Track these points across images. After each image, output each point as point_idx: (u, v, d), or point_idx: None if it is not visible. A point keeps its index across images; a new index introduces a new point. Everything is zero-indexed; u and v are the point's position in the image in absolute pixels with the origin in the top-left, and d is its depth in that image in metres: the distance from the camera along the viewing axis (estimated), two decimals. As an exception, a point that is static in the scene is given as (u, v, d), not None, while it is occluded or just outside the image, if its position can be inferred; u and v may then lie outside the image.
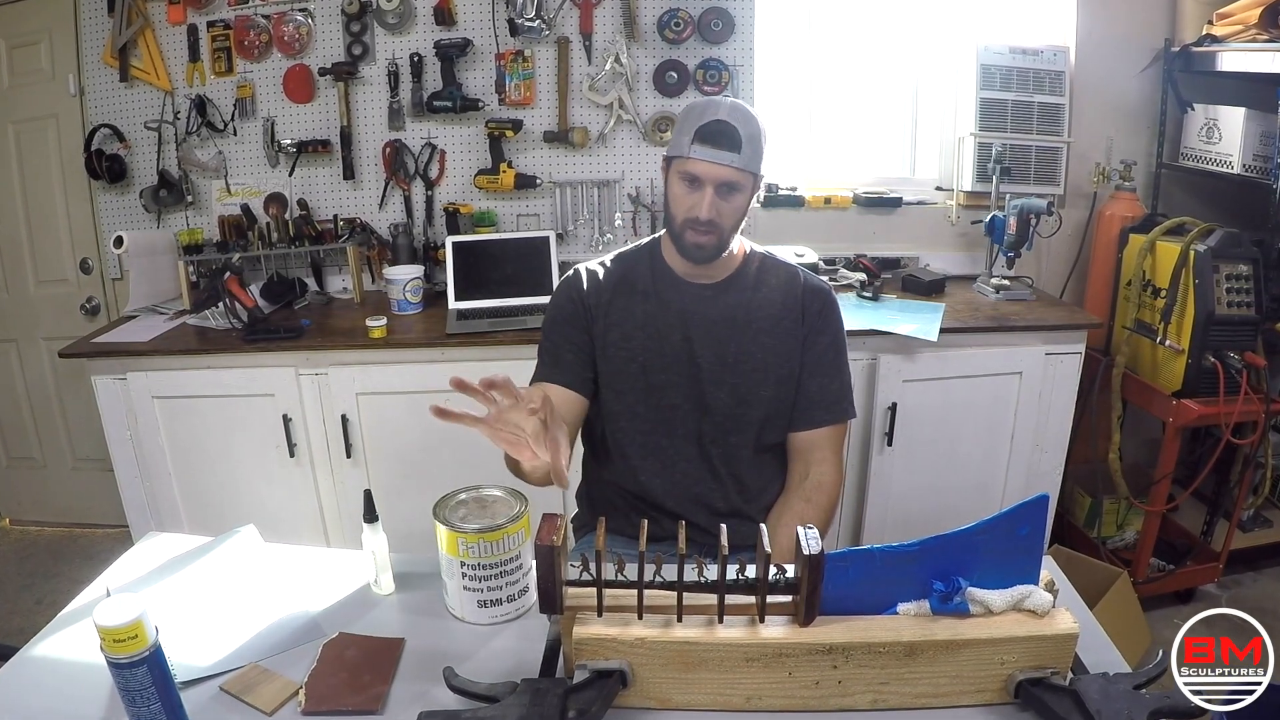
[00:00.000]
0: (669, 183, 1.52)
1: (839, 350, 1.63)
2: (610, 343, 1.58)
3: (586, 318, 1.59)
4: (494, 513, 1.25)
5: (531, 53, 2.78)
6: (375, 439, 2.48)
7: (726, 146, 1.43)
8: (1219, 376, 2.43)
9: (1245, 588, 2.86)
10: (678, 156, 1.47)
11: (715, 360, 1.57)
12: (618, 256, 1.66)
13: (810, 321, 1.60)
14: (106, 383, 2.43)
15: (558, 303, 1.63)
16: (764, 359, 1.57)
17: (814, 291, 1.62)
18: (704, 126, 1.43)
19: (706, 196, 1.46)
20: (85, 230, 3.00)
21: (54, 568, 3.08)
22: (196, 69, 2.79)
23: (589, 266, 1.64)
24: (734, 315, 1.58)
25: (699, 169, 1.45)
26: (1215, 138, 2.77)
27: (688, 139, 1.44)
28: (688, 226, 1.49)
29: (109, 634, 0.95)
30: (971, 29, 2.94)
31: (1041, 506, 1.04)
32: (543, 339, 1.63)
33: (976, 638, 1.01)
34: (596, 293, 1.60)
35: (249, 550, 1.45)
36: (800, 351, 1.59)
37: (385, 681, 1.11)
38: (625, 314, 1.59)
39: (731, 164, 1.43)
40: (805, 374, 1.60)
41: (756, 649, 1.02)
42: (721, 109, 1.45)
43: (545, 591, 1.02)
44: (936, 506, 2.59)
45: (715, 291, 1.59)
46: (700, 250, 1.51)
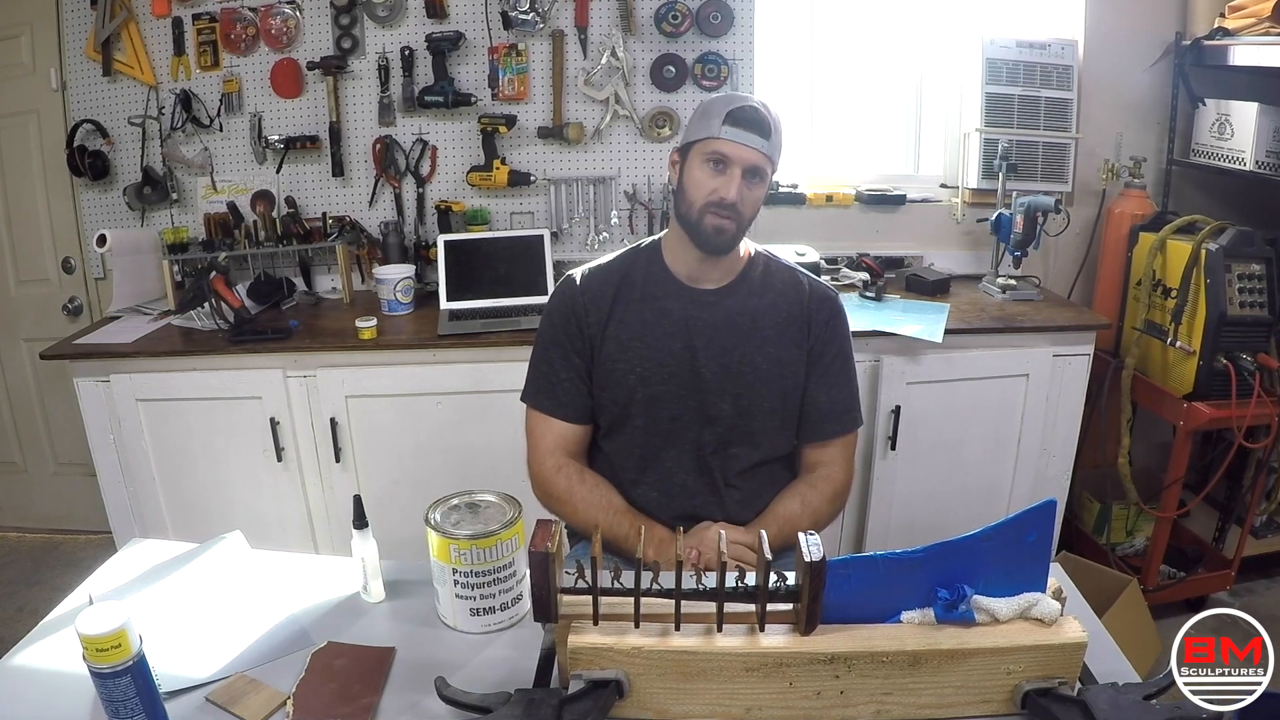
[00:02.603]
0: (687, 168, 1.51)
1: (846, 360, 1.63)
2: (607, 354, 1.57)
3: (582, 335, 1.59)
4: (486, 518, 1.25)
5: (525, 46, 2.78)
6: (365, 443, 2.47)
7: (758, 131, 1.44)
8: (1231, 379, 2.43)
9: (1258, 595, 2.86)
10: (704, 138, 1.47)
11: (719, 369, 1.56)
12: (615, 260, 1.65)
13: (817, 332, 1.59)
14: (89, 385, 2.42)
15: (551, 319, 1.62)
16: (768, 368, 1.57)
17: (821, 300, 1.61)
18: (736, 110, 1.44)
19: (735, 178, 1.46)
20: (67, 229, 3.00)
21: (35, 575, 3.07)
22: (181, 63, 2.79)
23: (583, 272, 1.63)
24: (738, 322, 1.57)
25: (728, 149, 1.45)
26: (1227, 133, 2.77)
27: (716, 121, 1.44)
28: (709, 210, 1.48)
29: (91, 643, 0.95)
30: (977, 22, 2.95)
31: (1049, 512, 1.05)
32: (536, 354, 1.63)
33: (982, 647, 1.02)
34: (594, 301, 1.59)
35: (235, 557, 1.44)
36: (805, 361, 1.59)
37: (375, 692, 1.11)
38: (621, 324, 1.58)
39: (761, 149, 1.45)
40: (813, 386, 1.60)
41: (756, 658, 1.02)
42: (751, 98, 1.48)
43: (540, 599, 1.02)
44: (941, 512, 2.59)
45: (718, 296, 1.58)
46: (721, 235, 1.49)
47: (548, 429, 1.61)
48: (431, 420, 2.43)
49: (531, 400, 1.63)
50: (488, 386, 2.40)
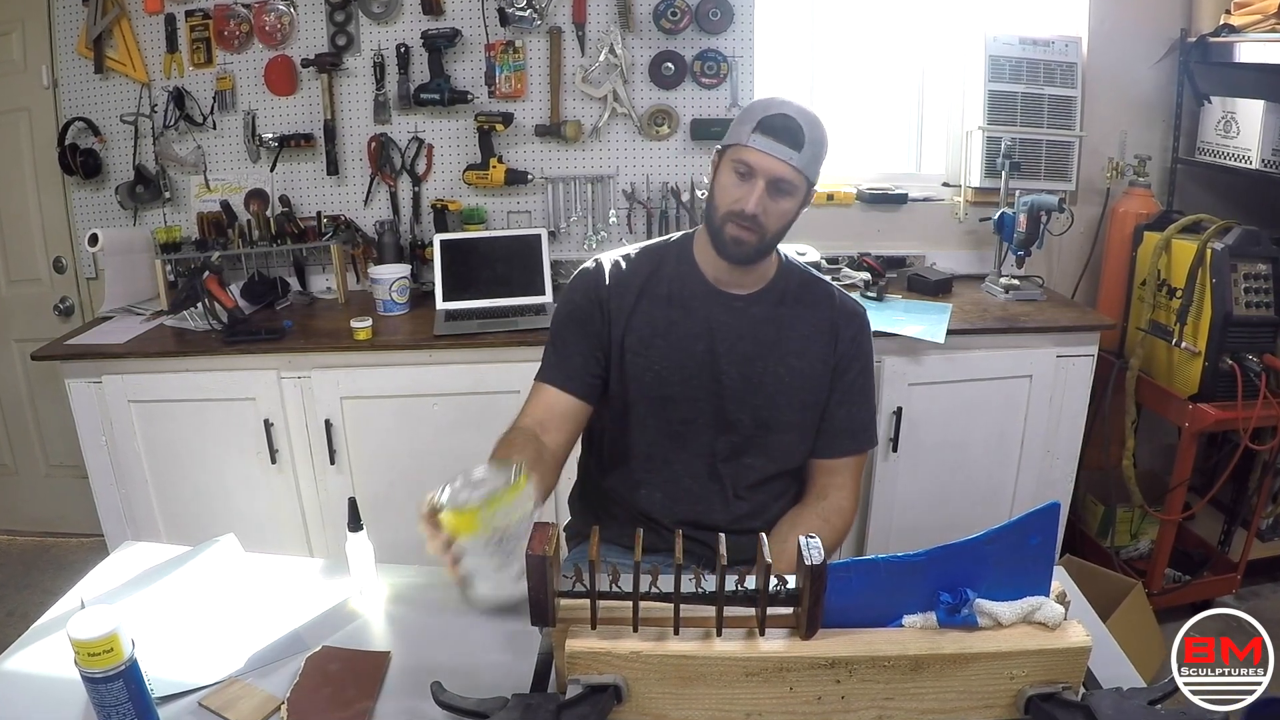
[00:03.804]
0: (719, 172, 1.49)
1: (868, 377, 1.62)
2: (627, 347, 1.55)
3: (603, 319, 1.55)
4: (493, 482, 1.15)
5: (522, 43, 2.78)
6: (360, 444, 2.48)
7: (788, 142, 1.41)
8: (1237, 380, 2.43)
9: (1264, 599, 2.86)
10: (734, 144, 1.45)
11: (740, 379, 1.54)
12: (643, 251, 1.62)
13: (844, 347, 1.58)
14: (81, 386, 2.43)
15: (573, 298, 1.59)
16: (791, 382, 1.55)
17: (849, 315, 1.60)
18: (769, 118, 1.42)
19: (756, 189, 1.43)
20: (59, 228, 3.00)
21: (26, 578, 3.08)
22: (174, 60, 2.79)
23: (612, 259, 1.60)
24: (763, 332, 1.55)
25: (754, 159, 1.42)
26: (1233, 131, 2.78)
27: (749, 128, 1.42)
28: (730, 219, 1.46)
29: (83, 647, 0.95)
30: (980, 19, 2.95)
31: (1052, 515, 1.05)
32: (553, 333, 1.59)
33: (985, 651, 1.02)
34: (618, 291, 1.56)
35: (229, 560, 1.44)
36: (830, 377, 1.58)
37: (371, 697, 1.11)
38: (646, 317, 1.55)
39: (789, 160, 1.41)
40: (835, 401, 1.58)
41: (756, 663, 1.02)
42: (789, 106, 1.44)
43: (537, 603, 1.02)
44: (943, 515, 2.59)
45: (746, 303, 1.56)
46: (739, 246, 1.47)
47: (538, 399, 1.54)
48: (428, 422, 2.42)
49: (541, 377, 1.56)
50: (485, 388, 2.40)
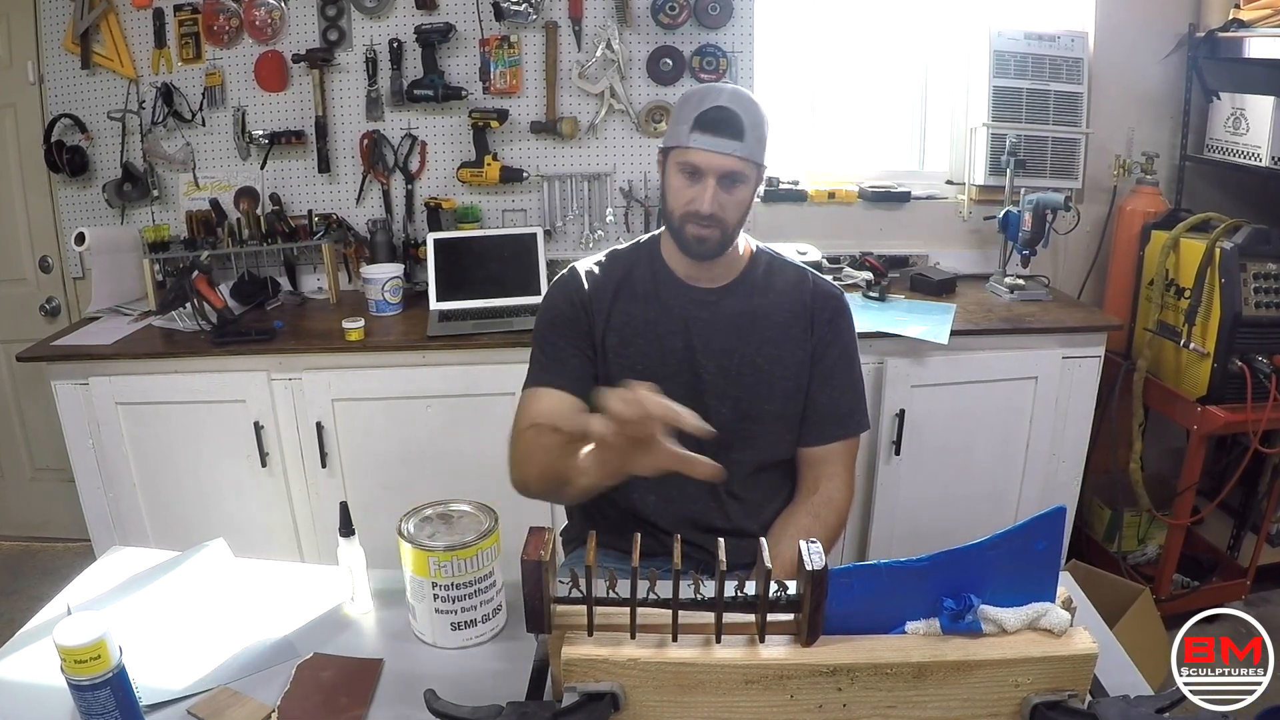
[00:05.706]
0: (666, 175, 1.51)
1: (851, 360, 1.62)
2: (609, 348, 1.57)
3: (587, 321, 1.57)
4: (463, 528, 1.25)
5: (518, 38, 2.78)
6: (352, 448, 2.47)
7: (728, 134, 1.42)
8: (1246, 381, 2.44)
9: (1275, 605, 2.86)
10: (676, 146, 1.46)
11: (718, 371, 1.56)
12: (613, 255, 1.65)
13: (820, 331, 1.59)
14: (67, 388, 2.42)
15: (556, 304, 1.60)
16: (770, 370, 1.56)
17: (825, 297, 1.61)
18: (704, 113, 1.43)
19: (708, 188, 1.44)
20: (45, 226, 2.99)
21: (12, 584, 3.07)
22: (163, 55, 2.79)
23: (586, 266, 1.63)
24: (738, 323, 1.57)
25: (699, 159, 1.44)
26: (1242, 128, 2.78)
27: (686, 127, 1.43)
28: (688, 220, 1.48)
29: (70, 654, 0.95)
30: (984, 13, 2.95)
31: (1058, 519, 1.05)
32: (538, 341, 1.60)
33: (989, 658, 1.02)
34: (597, 295, 1.58)
35: (218, 565, 1.44)
36: (809, 363, 1.58)
37: (363, 705, 1.11)
38: (624, 318, 1.57)
39: (734, 153, 1.43)
40: (815, 386, 1.59)
41: (756, 670, 1.02)
42: (722, 95, 1.44)
43: (533, 609, 1.02)
44: (947, 519, 2.60)
45: (719, 296, 1.58)
46: (703, 244, 1.49)
47: (537, 400, 1.52)
48: (421, 424, 2.42)
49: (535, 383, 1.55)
50: (479, 389, 2.40)
